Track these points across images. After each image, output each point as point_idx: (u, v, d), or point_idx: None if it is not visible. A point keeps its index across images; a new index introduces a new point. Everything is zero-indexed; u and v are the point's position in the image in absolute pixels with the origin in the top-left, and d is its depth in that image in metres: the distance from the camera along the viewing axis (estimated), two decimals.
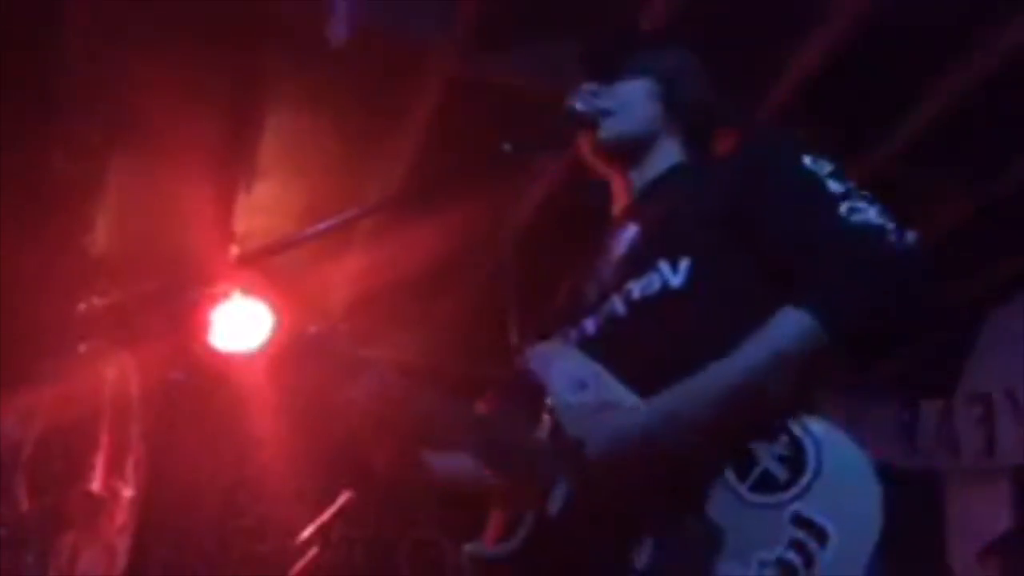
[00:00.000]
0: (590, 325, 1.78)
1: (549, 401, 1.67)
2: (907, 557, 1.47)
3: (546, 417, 1.66)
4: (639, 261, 1.76)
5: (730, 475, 1.47)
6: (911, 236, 1.56)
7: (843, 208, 1.58)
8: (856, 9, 3.45)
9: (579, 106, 1.89)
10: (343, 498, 3.57)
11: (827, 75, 3.69)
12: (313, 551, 3.49)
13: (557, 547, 1.54)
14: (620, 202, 1.95)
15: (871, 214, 1.57)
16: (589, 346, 1.73)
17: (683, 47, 2.02)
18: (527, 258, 4.83)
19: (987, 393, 4.89)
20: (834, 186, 1.62)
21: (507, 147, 1.75)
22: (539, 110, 1.98)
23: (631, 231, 1.85)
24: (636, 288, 1.72)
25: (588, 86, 1.92)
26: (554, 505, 1.54)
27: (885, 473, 1.46)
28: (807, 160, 1.67)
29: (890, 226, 1.56)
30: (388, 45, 3.78)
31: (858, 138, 4.09)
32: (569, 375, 1.66)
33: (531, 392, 1.71)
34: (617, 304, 1.75)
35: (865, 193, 1.62)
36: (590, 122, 1.89)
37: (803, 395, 1.54)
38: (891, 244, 1.55)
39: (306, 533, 3.53)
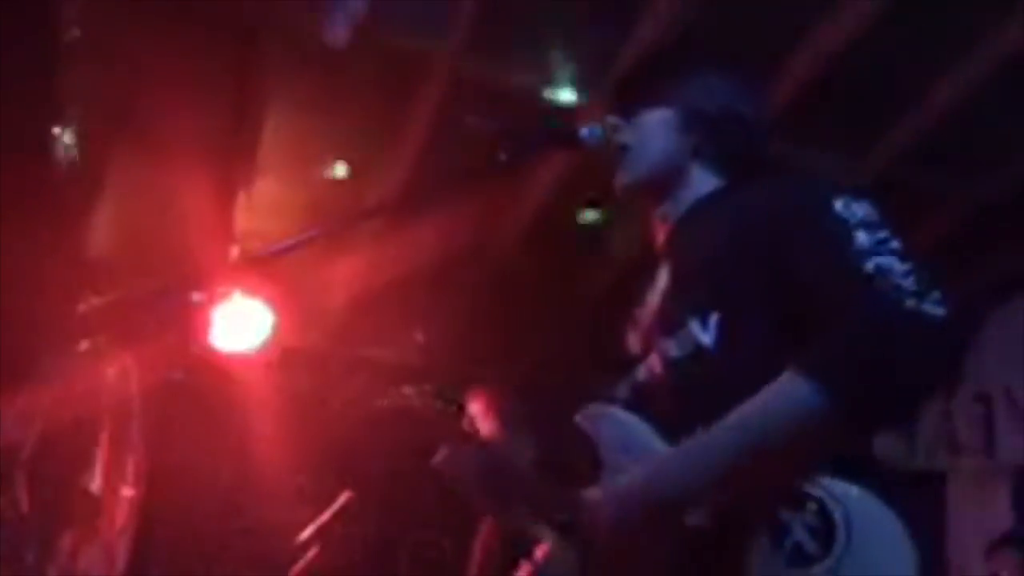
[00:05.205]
0: (636, 384, 1.80)
1: (600, 462, 1.71)
2: None
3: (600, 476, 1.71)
4: (671, 317, 1.74)
5: (768, 549, 1.45)
6: (934, 301, 1.43)
7: (868, 265, 1.48)
8: (858, 10, 3.46)
9: (590, 138, 1.86)
10: (343, 498, 3.58)
11: (828, 76, 3.70)
12: (313, 551, 3.50)
13: None
14: (660, 236, 1.89)
15: (895, 274, 1.46)
16: (636, 406, 1.74)
17: (714, 67, 1.91)
18: (529, 257, 4.85)
19: (987, 393, 4.89)
20: (862, 239, 1.52)
21: (502, 157, 1.75)
22: (539, 110, 1.99)
23: (665, 274, 1.84)
24: (672, 347, 1.71)
25: (611, 120, 1.88)
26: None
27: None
28: (838, 205, 1.57)
29: (912, 288, 1.44)
30: (388, 46, 3.79)
31: (858, 138, 4.09)
32: (617, 438, 1.70)
33: (587, 449, 1.75)
34: (656, 364, 1.75)
35: (896, 246, 1.52)
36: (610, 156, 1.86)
37: (821, 460, 1.48)
38: (908, 313, 1.42)
39: (306, 533, 3.54)
